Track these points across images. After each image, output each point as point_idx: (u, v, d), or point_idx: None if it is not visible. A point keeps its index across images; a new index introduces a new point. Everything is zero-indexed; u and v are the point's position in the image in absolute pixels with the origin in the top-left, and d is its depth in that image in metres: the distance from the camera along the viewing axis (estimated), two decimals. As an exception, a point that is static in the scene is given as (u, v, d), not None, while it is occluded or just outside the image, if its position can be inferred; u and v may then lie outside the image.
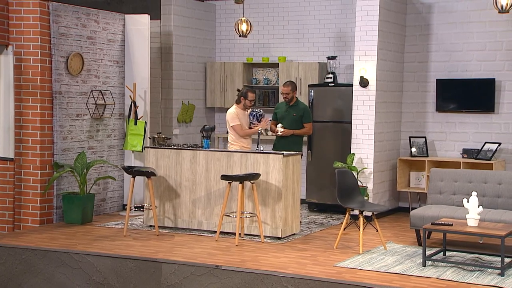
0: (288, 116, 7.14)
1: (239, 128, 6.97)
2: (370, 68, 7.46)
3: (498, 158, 7.51)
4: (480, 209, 5.48)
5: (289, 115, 7.13)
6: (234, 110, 7.02)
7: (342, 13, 8.38)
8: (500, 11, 6.00)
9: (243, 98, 7.00)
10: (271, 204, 6.41)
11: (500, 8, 5.95)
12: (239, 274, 5.13)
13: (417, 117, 8.01)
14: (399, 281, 4.96)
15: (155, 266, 5.27)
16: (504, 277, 5.07)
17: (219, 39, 9.20)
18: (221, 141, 9.37)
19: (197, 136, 8.93)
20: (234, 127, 6.99)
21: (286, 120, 7.14)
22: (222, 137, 9.32)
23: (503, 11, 5.96)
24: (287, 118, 7.14)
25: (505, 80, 7.52)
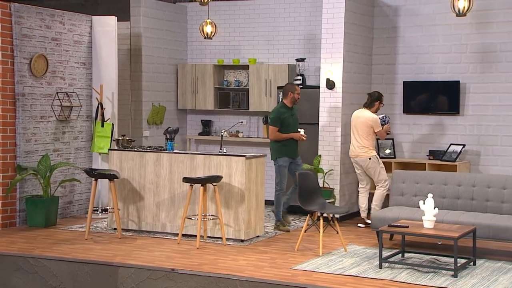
0: (294, 120, 6.98)
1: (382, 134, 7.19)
2: (337, 70, 7.50)
3: (463, 160, 7.57)
4: (436, 211, 5.53)
5: (295, 118, 7.00)
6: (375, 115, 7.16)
7: (311, 15, 8.41)
8: (458, 15, 6.05)
9: (378, 102, 7.17)
10: (234, 207, 6.43)
11: (457, 12, 6.00)
12: (195, 277, 5.14)
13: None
14: (353, 283, 4.99)
15: (112, 270, 5.27)
16: (457, 278, 5.12)
17: (191, 41, 9.20)
18: (192, 142, 9.38)
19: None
20: (380, 133, 7.17)
21: (294, 124, 6.96)
22: (194, 139, 9.34)
23: (461, 14, 6.02)
24: (294, 122, 6.98)
25: (470, 83, 7.58)
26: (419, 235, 5.45)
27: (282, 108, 6.92)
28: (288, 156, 6.89)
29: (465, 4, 5.91)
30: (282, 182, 6.89)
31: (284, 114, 6.88)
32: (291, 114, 6.93)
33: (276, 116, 6.85)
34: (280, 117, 6.85)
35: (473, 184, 6.29)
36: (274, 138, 6.88)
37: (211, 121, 9.25)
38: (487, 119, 7.50)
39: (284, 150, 6.89)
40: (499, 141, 7.46)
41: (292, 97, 6.89)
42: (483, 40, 7.47)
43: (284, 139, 6.87)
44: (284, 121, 6.87)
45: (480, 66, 7.51)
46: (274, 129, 6.86)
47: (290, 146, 6.92)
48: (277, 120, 6.85)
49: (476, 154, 7.60)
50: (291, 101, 6.90)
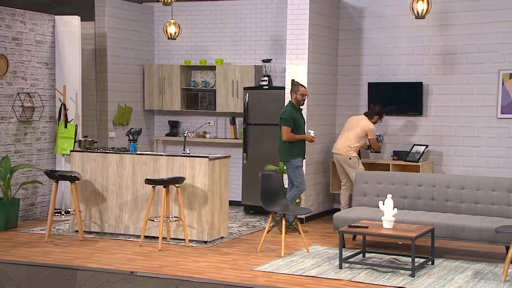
0: (303, 120, 6.98)
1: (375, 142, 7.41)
2: (302, 71, 7.52)
3: (426, 160, 7.67)
4: (395, 211, 5.59)
5: (303, 118, 6.99)
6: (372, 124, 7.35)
7: (277, 16, 8.43)
8: (417, 17, 6.13)
9: (377, 117, 7.37)
10: (197, 208, 6.41)
11: (416, 14, 6.07)
12: (153, 280, 5.11)
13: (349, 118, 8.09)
14: (311, 284, 5.02)
15: (70, 274, 5.21)
16: (415, 278, 5.18)
17: (157, 41, 9.14)
18: (160, 143, 9.33)
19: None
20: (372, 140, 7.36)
21: (303, 124, 6.95)
22: (161, 140, 9.28)
23: (420, 17, 6.09)
24: (303, 122, 6.97)
25: (432, 84, 7.69)
26: (378, 235, 5.51)
27: (293, 109, 6.86)
28: (301, 156, 6.89)
29: (424, 7, 5.99)
30: (304, 182, 6.85)
31: (295, 115, 6.84)
32: (300, 115, 6.94)
33: (289, 116, 6.79)
34: (292, 117, 6.80)
35: (433, 185, 6.37)
36: (288, 138, 6.80)
37: (178, 122, 9.20)
38: (449, 120, 7.62)
39: (297, 150, 6.86)
40: (460, 142, 7.58)
41: (295, 97, 6.85)
42: (445, 42, 7.57)
43: (297, 140, 6.82)
44: (296, 121, 6.83)
45: (442, 68, 7.62)
46: (288, 130, 6.79)
47: (302, 147, 6.92)
48: (290, 121, 6.79)
49: (439, 154, 7.71)
50: (296, 101, 6.86)
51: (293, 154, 6.83)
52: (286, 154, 6.87)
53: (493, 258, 5.84)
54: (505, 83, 7.26)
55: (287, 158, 6.86)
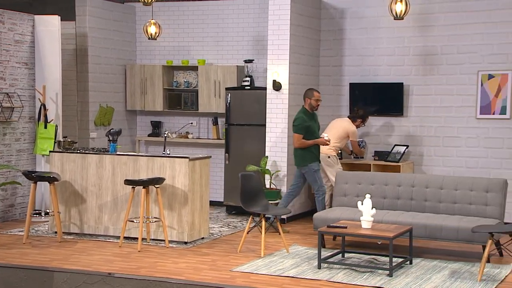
0: (316, 125, 6.97)
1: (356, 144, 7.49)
2: (283, 71, 7.53)
3: (407, 160, 7.72)
4: (373, 211, 5.61)
5: (316, 124, 6.98)
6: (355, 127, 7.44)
7: (259, 17, 8.43)
8: (396, 18, 6.17)
9: (360, 121, 7.49)
10: (177, 209, 6.39)
11: (395, 15, 6.11)
12: (131, 281, 5.09)
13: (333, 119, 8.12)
14: (289, 285, 5.02)
15: (46, 275, 5.17)
16: (392, 277, 5.20)
17: (140, 41, 9.10)
18: (142, 144, 9.29)
19: (116, 139, 8.79)
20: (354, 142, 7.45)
21: (316, 129, 6.95)
22: (144, 140, 9.25)
23: (398, 18, 6.13)
24: (317, 128, 6.97)
25: (413, 85, 7.74)
26: (356, 235, 5.53)
27: (305, 115, 6.84)
28: (317, 160, 6.90)
29: (403, 8, 6.03)
30: (323, 185, 6.88)
31: (307, 121, 6.82)
32: (314, 119, 6.92)
33: (300, 123, 6.79)
34: (304, 124, 6.79)
35: (412, 185, 6.41)
36: (299, 145, 6.81)
37: (160, 122, 9.18)
38: (429, 120, 7.67)
39: (312, 155, 6.86)
40: (440, 142, 7.63)
41: (309, 103, 6.84)
42: (425, 43, 7.63)
43: (309, 145, 6.83)
44: (309, 128, 6.82)
45: (422, 69, 7.67)
46: (299, 137, 6.79)
47: (316, 150, 6.92)
48: (302, 128, 6.79)
49: (419, 154, 7.75)
50: (309, 107, 6.85)
51: (309, 158, 6.84)
52: (302, 160, 6.87)
53: (471, 258, 5.88)
54: (484, 84, 7.33)
55: (304, 163, 6.86)
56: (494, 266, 5.56)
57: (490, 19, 7.27)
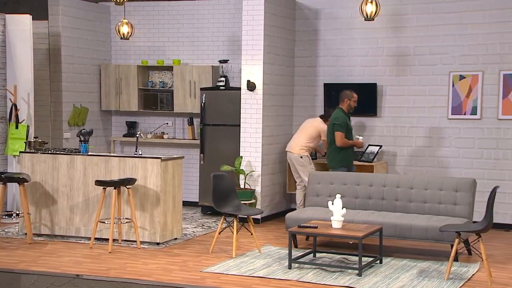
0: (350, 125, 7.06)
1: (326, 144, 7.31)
2: (257, 72, 7.54)
3: (381, 160, 7.77)
4: (344, 211, 5.64)
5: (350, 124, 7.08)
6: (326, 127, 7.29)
7: (234, 17, 8.43)
8: (366, 19, 6.21)
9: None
10: (149, 209, 6.36)
11: (365, 16, 6.15)
12: (100, 283, 5.05)
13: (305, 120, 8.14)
14: (259, 285, 5.03)
15: (13, 278, 5.11)
16: (361, 277, 5.23)
17: (114, 41, 9.03)
18: (117, 144, 9.23)
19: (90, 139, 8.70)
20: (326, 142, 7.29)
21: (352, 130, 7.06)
22: (119, 141, 9.19)
23: (369, 18, 6.17)
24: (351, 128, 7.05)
25: (386, 85, 7.79)
26: (326, 235, 5.55)
27: (344, 114, 6.92)
28: (350, 164, 6.95)
29: (373, 9, 6.07)
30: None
31: (347, 120, 6.90)
32: (349, 120, 7.02)
33: (343, 122, 6.83)
34: (346, 122, 6.86)
35: (383, 184, 6.46)
36: (342, 144, 6.83)
37: (136, 122, 9.13)
38: (402, 121, 7.73)
39: (347, 157, 6.92)
40: (413, 142, 7.70)
41: (348, 104, 6.91)
42: (398, 44, 7.69)
43: (350, 145, 6.88)
44: (348, 127, 6.90)
45: (396, 69, 7.73)
46: (342, 135, 6.82)
47: (351, 153, 6.97)
48: (344, 126, 6.83)
49: (393, 154, 7.81)
50: (347, 108, 6.91)
51: (343, 160, 6.87)
52: (335, 160, 6.91)
53: (440, 257, 5.94)
54: (455, 85, 7.41)
55: (336, 164, 6.89)
56: (462, 264, 5.63)
57: (461, 21, 7.35)
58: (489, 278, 5.07)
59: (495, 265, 5.63)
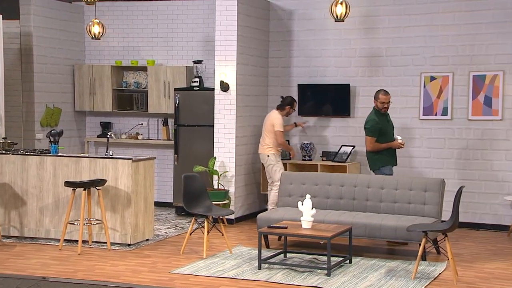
0: (390, 126, 6.71)
1: (280, 135, 7.22)
2: (230, 72, 7.53)
3: (354, 161, 7.81)
4: (313, 211, 5.66)
5: (390, 125, 6.72)
6: (279, 116, 7.31)
7: (209, 17, 8.42)
8: (336, 20, 6.24)
9: (289, 107, 7.38)
10: (120, 210, 6.32)
11: (336, 17, 6.18)
12: (66, 285, 5.00)
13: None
14: (227, 286, 5.02)
15: (-22, 280, 5.03)
16: (330, 277, 5.26)
17: (88, 41, 8.96)
18: (91, 145, 9.17)
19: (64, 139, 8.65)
20: (277, 133, 7.24)
21: (390, 131, 6.68)
22: (93, 141, 9.12)
23: (339, 20, 6.20)
24: (390, 129, 6.70)
25: (359, 86, 7.84)
26: (296, 235, 5.57)
27: (377, 117, 6.59)
28: (391, 164, 6.66)
29: (343, 10, 6.11)
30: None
31: (379, 123, 6.56)
32: (387, 120, 6.66)
33: (373, 125, 6.54)
34: (377, 126, 6.54)
35: (354, 185, 6.49)
36: (372, 149, 6.57)
37: (110, 123, 9.07)
38: (375, 121, 7.78)
39: (385, 158, 6.62)
40: (386, 142, 7.74)
41: (376, 104, 6.63)
42: (371, 45, 7.74)
43: (383, 149, 6.58)
44: (381, 129, 6.57)
45: (368, 70, 7.78)
46: (371, 140, 6.55)
47: (390, 154, 6.65)
48: (374, 130, 6.54)
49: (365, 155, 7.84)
50: (378, 108, 6.62)
51: (381, 161, 6.60)
52: (372, 163, 6.67)
53: (409, 256, 5.99)
54: (427, 86, 7.48)
55: (376, 166, 6.65)
56: (430, 264, 5.68)
57: (431, 22, 7.43)
58: (454, 277, 5.12)
59: (462, 264, 5.70)
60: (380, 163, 6.62)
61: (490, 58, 7.19)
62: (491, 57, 7.19)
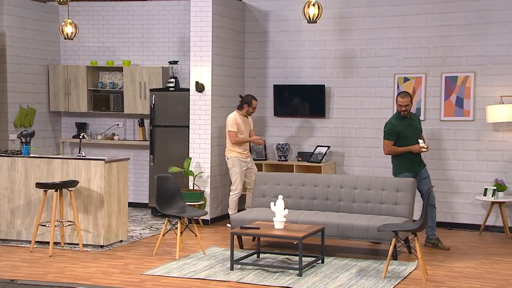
0: (413, 130, 6.32)
1: (233, 135, 7.14)
2: (205, 73, 7.53)
3: (329, 161, 7.86)
4: (286, 212, 5.68)
5: (414, 128, 6.34)
6: (234, 116, 7.21)
7: (184, 18, 8.40)
8: (309, 21, 6.27)
9: (246, 105, 7.23)
10: (93, 212, 6.28)
11: (308, 19, 6.21)
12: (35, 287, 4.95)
13: (258, 121, 8.18)
14: (198, 287, 5.02)
15: None
16: (301, 277, 5.28)
17: (63, 41, 8.89)
18: (67, 145, 9.09)
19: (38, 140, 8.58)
20: (229, 133, 7.13)
21: (413, 135, 6.28)
22: (69, 142, 9.05)
23: (312, 21, 6.23)
24: (413, 132, 6.29)
25: (334, 87, 7.89)
26: (267, 236, 5.58)
27: (396, 120, 6.31)
28: (409, 170, 6.28)
29: (316, 11, 6.14)
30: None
31: (398, 126, 6.25)
32: (409, 124, 6.30)
33: (389, 128, 6.28)
34: (394, 129, 6.26)
35: (328, 185, 6.53)
36: (388, 152, 6.31)
37: (86, 123, 9.00)
38: (350, 122, 7.84)
39: (403, 164, 6.28)
40: (360, 143, 7.81)
41: (397, 105, 6.36)
42: (345, 46, 7.79)
43: (401, 153, 6.26)
44: (400, 133, 6.24)
45: (343, 71, 7.83)
46: (388, 143, 6.28)
47: (410, 159, 6.26)
48: (391, 134, 6.25)
49: (341, 155, 7.91)
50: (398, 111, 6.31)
51: (399, 168, 6.31)
52: (394, 168, 6.39)
53: (381, 256, 6.04)
54: (400, 87, 7.54)
55: (395, 172, 6.37)
56: (401, 263, 5.73)
57: (404, 24, 7.50)
58: (424, 276, 5.18)
59: (432, 263, 5.77)
60: (398, 169, 6.33)
61: (461, 59, 7.29)
62: (462, 59, 7.28)
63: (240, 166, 7.23)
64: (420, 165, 6.36)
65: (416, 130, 6.38)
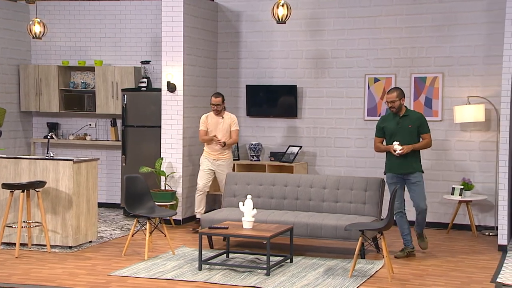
0: (402, 129, 5.88)
1: (199, 134, 7.22)
2: (177, 73, 7.51)
3: (301, 161, 7.89)
4: (254, 212, 5.69)
5: (404, 127, 5.88)
6: (205, 115, 7.22)
7: (157, 18, 8.36)
8: (278, 22, 6.30)
9: (210, 103, 7.16)
10: (61, 212, 6.23)
11: (277, 19, 6.23)
12: (-2, 289, 4.90)
13: None
14: (165, 287, 5.00)
15: None
16: (269, 276, 5.30)
17: (34, 41, 8.78)
18: (38, 146, 9.00)
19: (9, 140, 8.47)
20: (199, 132, 7.22)
21: (401, 134, 5.86)
22: (40, 142, 8.95)
23: (281, 21, 6.26)
24: (401, 132, 5.87)
25: (306, 87, 7.93)
26: (235, 235, 5.59)
27: (386, 116, 6.03)
28: (391, 171, 5.93)
29: (284, 12, 6.17)
30: (395, 202, 5.48)
31: (384, 122, 5.97)
32: (396, 122, 5.90)
33: (377, 125, 6.05)
34: (379, 125, 6.00)
35: (298, 185, 6.56)
36: (375, 149, 6.09)
37: (58, 123, 8.92)
38: (322, 122, 7.88)
39: (386, 165, 5.99)
40: (332, 143, 7.86)
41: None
42: (316, 46, 7.84)
43: (383, 151, 5.99)
44: (385, 130, 5.95)
45: (314, 72, 7.87)
46: (375, 139, 6.02)
47: (391, 160, 5.92)
48: (377, 129, 6.01)
49: (313, 155, 7.95)
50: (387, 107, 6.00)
51: (386, 168, 6.02)
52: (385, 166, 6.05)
53: (349, 255, 6.07)
54: (371, 87, 7.62)
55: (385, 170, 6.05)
56: (368, 262, 5.79)
57: (374, 25, 7.57)
58: (390, 274, 5.23)
59: (399, 261, 5.83)
60: (385, 169, 6.04)
61: (430, 60, 7.38)
62: (431, 60, 7.38)
63: (204, 165, 7.20)
64: (404, 169, 5.88)
65: (406, 129, 5.90)
